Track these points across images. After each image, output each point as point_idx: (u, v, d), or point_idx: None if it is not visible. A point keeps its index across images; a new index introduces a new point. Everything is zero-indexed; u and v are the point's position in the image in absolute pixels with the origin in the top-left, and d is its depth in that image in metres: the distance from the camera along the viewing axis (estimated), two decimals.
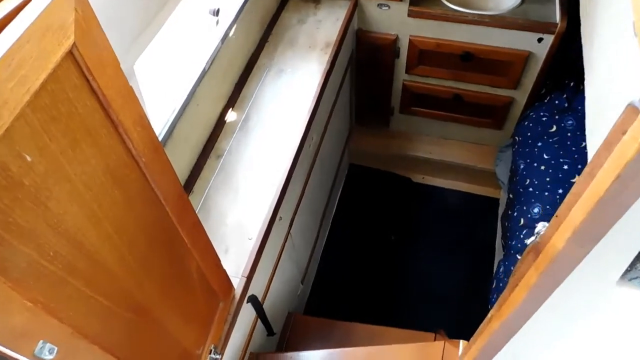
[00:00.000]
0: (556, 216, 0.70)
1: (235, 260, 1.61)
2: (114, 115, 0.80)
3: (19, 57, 0.59)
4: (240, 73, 2.13)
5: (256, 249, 1.62)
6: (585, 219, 0.59)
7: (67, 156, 0.71)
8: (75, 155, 0.73)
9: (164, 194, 1.01)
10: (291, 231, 2.09)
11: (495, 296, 2.26)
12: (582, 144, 2.37)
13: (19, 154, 0.62)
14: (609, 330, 0.88)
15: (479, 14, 2.33)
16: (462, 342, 1.41)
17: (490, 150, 2.96)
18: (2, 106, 0.57)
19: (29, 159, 0.64)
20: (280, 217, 1.84)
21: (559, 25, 2.23)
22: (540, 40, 2.31)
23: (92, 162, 0.78)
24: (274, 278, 1.96)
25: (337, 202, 3.12)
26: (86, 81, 0.73)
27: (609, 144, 0.56)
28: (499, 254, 2.73)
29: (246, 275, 1.58)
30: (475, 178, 3.08)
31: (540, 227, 0.78)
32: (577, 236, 0.63)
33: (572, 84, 2.56)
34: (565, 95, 2.54)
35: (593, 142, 1.11)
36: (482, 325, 1.05)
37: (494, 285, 2.32)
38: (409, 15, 2.41)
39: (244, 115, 2.00)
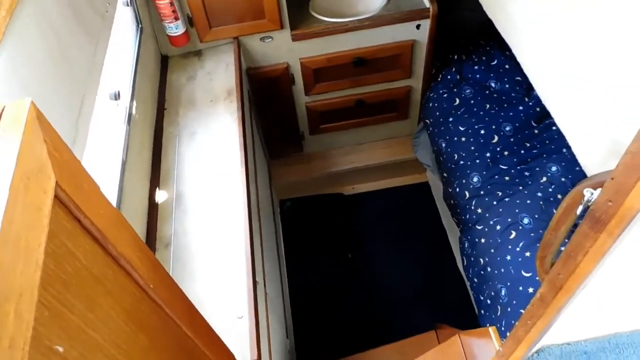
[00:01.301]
0: (612, 178, 0.69)
1: (236, 346, 1.44)
2: (113, 249, 0.65)
3: (15, 228, 0.44)
4: (152, 149, 1.94)
5: (254, 325, 1.47)
6: None
7: (90, 322, 0.55)
8: (96, 317, 0.57)
9: (174, 311, 0.85)
10: (266, 290, 1.94)
11: (471, 271, 2.31)
12: (486, 106, 2.54)
13: (49, 349, 0.46)
14: None
15: (357, 20, 2.40)
16: (492, 329, 1.40)
17: (405, 140, 3.06)
18: (19, 301, 0.42)
19: (60, 350, 0.48)
20: (257, 282, 1.69)
21: (431, 9, 2.37)
22: (418, 27, 2.44)
23: (112, 315, 0.62)
24: (271, 345, 1.81)
25: (282, 242, 3.00)
26: (77, 222, 0.58)
27: None
28: (451, 233, 2.82)
29: (255, 357, 1.42)
30: (400, 170, 3.16)
31: (588, 194, 0.77)
32: None
33: (456, 57, 2.74)
34: (454, 69, 2.71)
35: (546, 94, 1.18)
36: (532, 306, 1.04)
37: (465, 263, 2.37)
38: (293, 40, 2.40)
39: (174, 191, 1.83)
